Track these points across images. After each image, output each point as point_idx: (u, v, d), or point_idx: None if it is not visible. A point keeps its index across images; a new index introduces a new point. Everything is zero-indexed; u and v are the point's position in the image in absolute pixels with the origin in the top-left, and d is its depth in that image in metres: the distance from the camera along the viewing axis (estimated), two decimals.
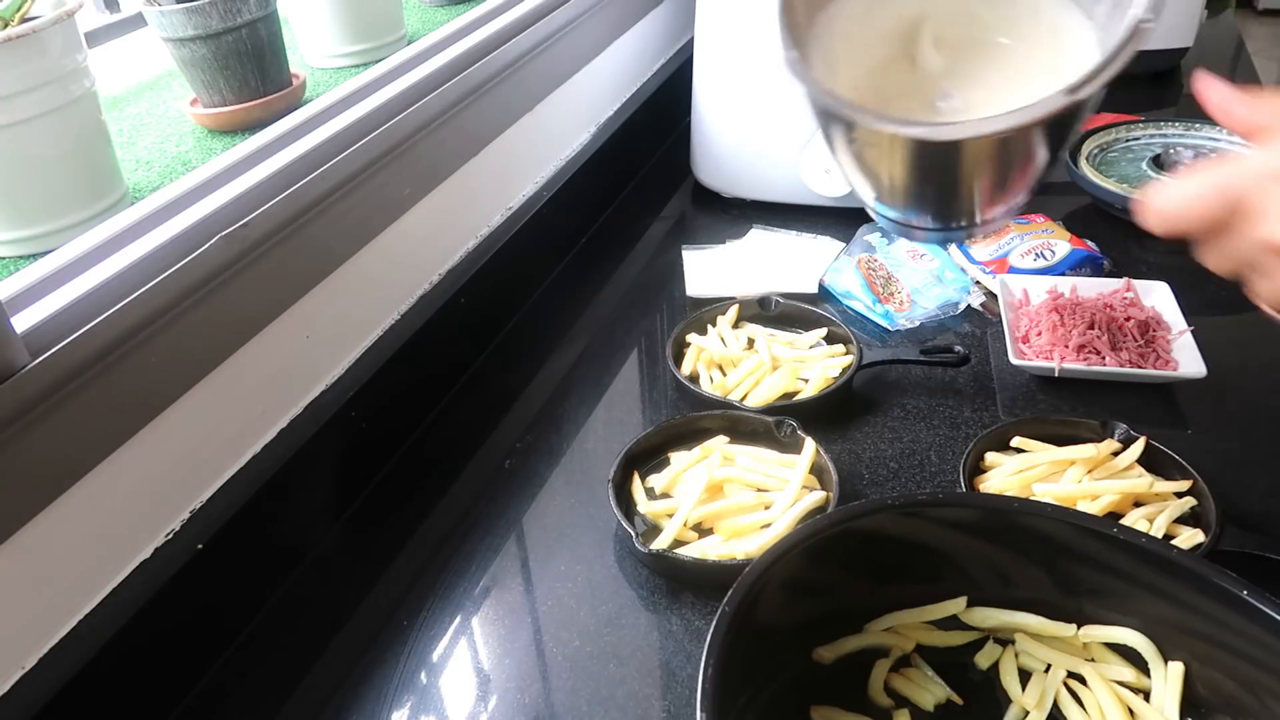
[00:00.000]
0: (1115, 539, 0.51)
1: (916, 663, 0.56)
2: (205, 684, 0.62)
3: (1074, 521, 0.53)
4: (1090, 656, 0.54)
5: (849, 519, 0.54)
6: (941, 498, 0.62)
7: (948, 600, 0.56)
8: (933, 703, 0.53)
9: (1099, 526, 0.52)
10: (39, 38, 0.60)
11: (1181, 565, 0.49)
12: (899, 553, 0.55)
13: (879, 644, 0.56)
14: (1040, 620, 0.55)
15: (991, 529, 0.54)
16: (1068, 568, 0.53)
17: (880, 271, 0.95)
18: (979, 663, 0.56)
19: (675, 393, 0.85)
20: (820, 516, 0.57)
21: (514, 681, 0.60)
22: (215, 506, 0.64)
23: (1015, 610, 0.55)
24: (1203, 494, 0.65)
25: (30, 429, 0.51)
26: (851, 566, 0.54)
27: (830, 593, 0.55)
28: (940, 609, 0.56)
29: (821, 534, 0.52)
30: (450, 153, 0.89)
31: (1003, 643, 0.56)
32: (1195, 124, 1.12)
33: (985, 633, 0.56)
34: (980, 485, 0.69)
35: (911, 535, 0.55)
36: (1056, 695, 0.53)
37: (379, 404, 0.77)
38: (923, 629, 0.56)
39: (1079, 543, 0.52)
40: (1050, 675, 0.54)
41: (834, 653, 0.55)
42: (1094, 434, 0.71)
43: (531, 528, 0.72)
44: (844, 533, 0.53)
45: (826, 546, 0.52)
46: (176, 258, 0.60)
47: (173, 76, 0.91)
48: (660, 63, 1.38)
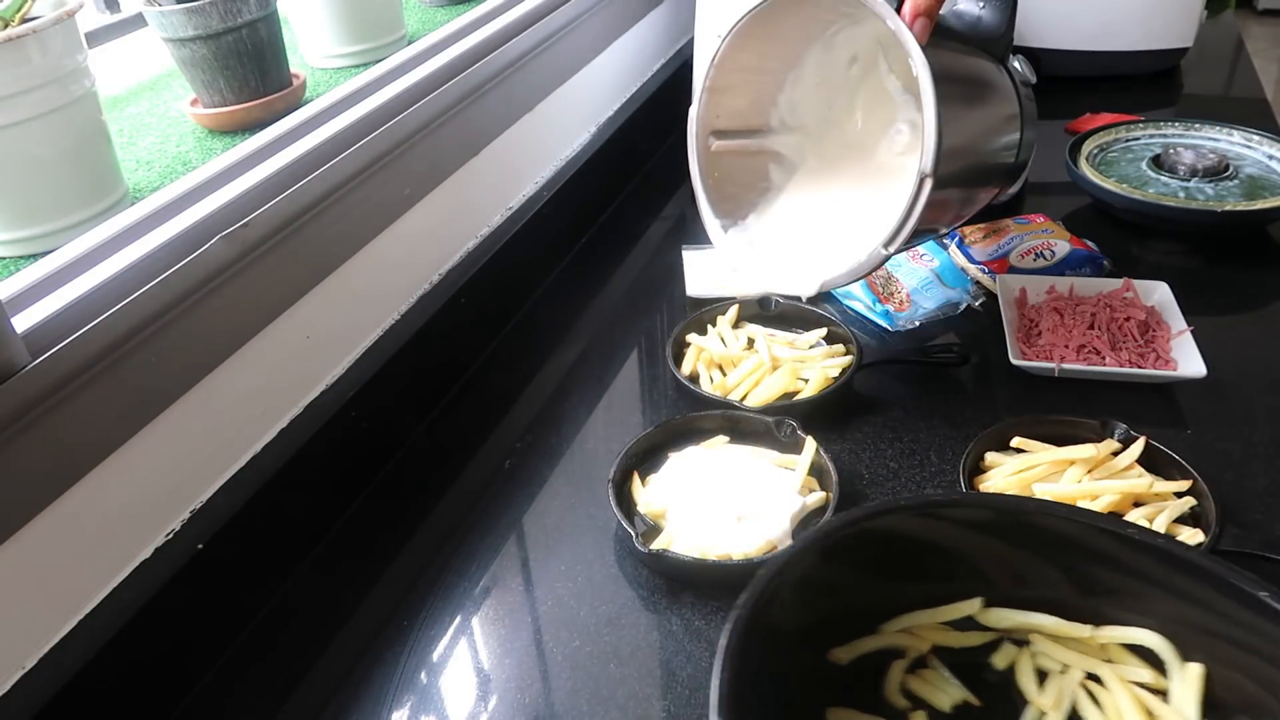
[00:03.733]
0: (1132, 539, 0.50)
1: (932, 664, 0.55)
2: (205, 684, 0.62)
3: (1089, 522, 0.52)
4: (1108, 657, 0.53)
5: (863, 519, 0.53)
6: (957, 498, 0.61)
7: (963, 601, 0.55)
8: (949, 704, 0.53)
9: (1115, 527, 0.51)
10: (39, 38, 0.60)
11: (1200, 565, 0.49)
12: (913, 553, 0.54)
13: (894, 645, 0.55)
14: (1057, 621, 0.54)
15: (1006, 529, 0.54)
16: (1084, 568, 0.53)
17: (880, 271, 0.95)
18: (995, 663, 0.55)
19: (675, 393, 0.85)
20: (835, 517, 0.57)
21: (514, 681, 0.60)
22: (215, 506, 0.64)
23: (1031, 611, 0.54)
24: (1202, 494, 0.65)
25: (30, 429, 0.52)
26: (865, 567, 0.54)
27: (844, 593, 0.54)
28: (956, 609, 0.55)
29: (835, 534, 0.52)
30: (450, 153, 0.89)
31: (1019, 643, 0.55)
32: (1195, 124, 1.12)
33: (1001, 633, 0.56)
34: (980, 485, 0.69)
35: (926, 535, 0.54)
36: (1074, 696, 0.52)
37: (379, 404, 0.77)
38: (938, 630, 0.56)
39: (1095, 543, 0.51)
40: (1067, 676, 0.53)
41: (849, 654, 0.54)
42: (1094, 434, 0.71)
43: (531, 528, 0.72)
44: (858, 533, 0.52)
45: (840, 547, 0.52)
46: (176, 258, 0.60)
47: (173, 76, 0.91)
48: (660, 63, 1.38)
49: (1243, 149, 1.08)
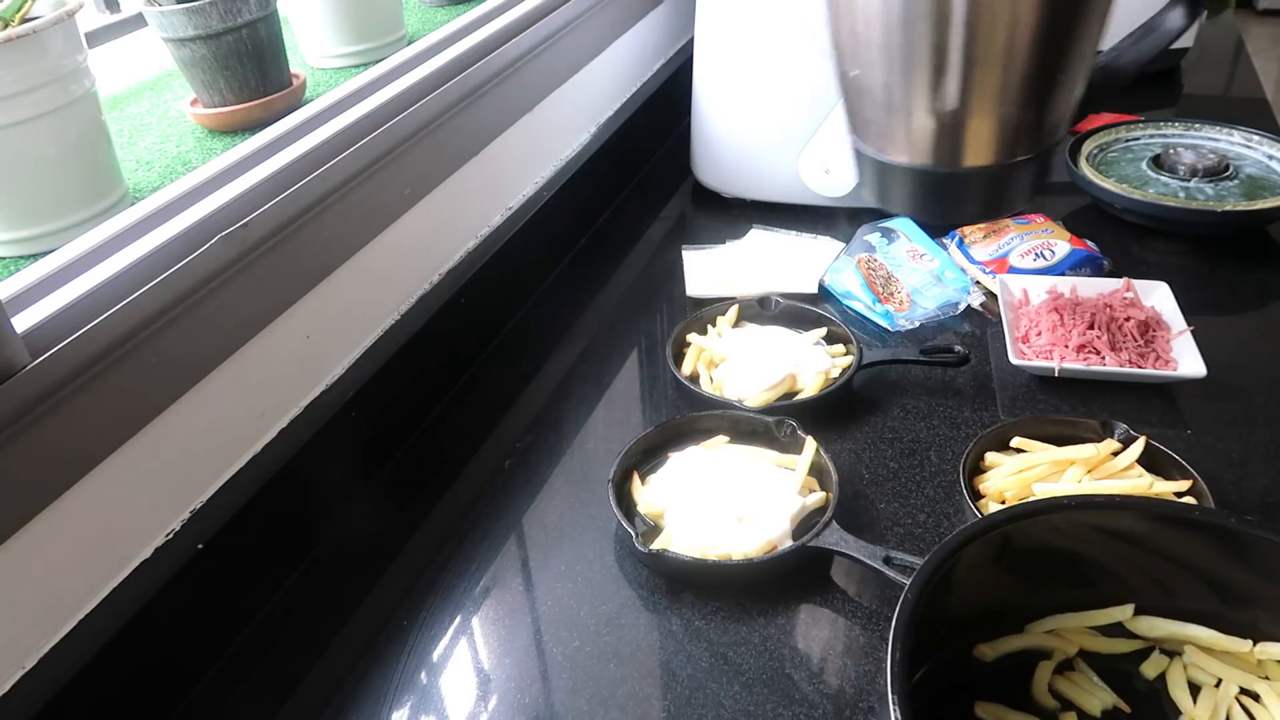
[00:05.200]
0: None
1: (1080, 667, 0.54)
2: (205, 684, 0.62)
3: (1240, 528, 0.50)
4: (1265, 674, 0.52)
5: (1016, 518, 0.52)
6: (1117, 500, 0.60)
7: (1113, 606, 0.55)
8: (1099, 708, 0.52)
9: (1266, 534, 0.50)
10: (39, 38, 0.60)
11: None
12: (1061, 556, 0.54)
13: (1041, 646, 0.55)
14: (1212, 633, 0.53)
15: (1151, 537, 0.53)
16: (1232, 578, 0.52)
17: (880, 271, 0.95)
18: (1145, 672, 0.54)
19: (675, 393, 0.85)
20: (988, 515, 0.55)
21: (514, 681, 0.60)
22: (215, 506, 0.64)
23: (1184, 621, 0.54)
24: (1202, 494, 0.65)
25: (30, 429, 0.51)
26: (1013, 567, 0.53)
27: (991, 591, 0.54)
28: (1106, 615, 0.55)
29: (984, 532, 0.51)
30: (450, 153, 0.89)
31: (1170, 654, 0.54)
32: (1195, 124, 1.12)
33: (1151, 642, 0.55)
34: (979, 485, 0.69)
35: (1075, 538, 0.53)
36: (1229, 711, 0.51)
37: (379, 404, 0.77)
38: (1086, 634, 0.55)
39: (1245, 548, 0.50)
40: (1221, 690, 0.52)
41: (996, 650, 0.54)
42: (1094, 434, 0.70)
43: (531, 528, 0.72)
44: (1007, 532, 0.52)
45: (989, 545, 0.52)
46: (176, 258, 0.60)
47: (173, 76, 0.91)
48: (660, 63, 1.38)
49: (1243, 149, 1.08)
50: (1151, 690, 0.54)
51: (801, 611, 0.63)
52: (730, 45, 1.06)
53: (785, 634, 0.61)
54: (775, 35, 1.00)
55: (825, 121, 1.01)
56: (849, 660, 0.59)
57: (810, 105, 1.01)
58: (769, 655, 0.60)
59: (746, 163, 1.10)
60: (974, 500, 0.67)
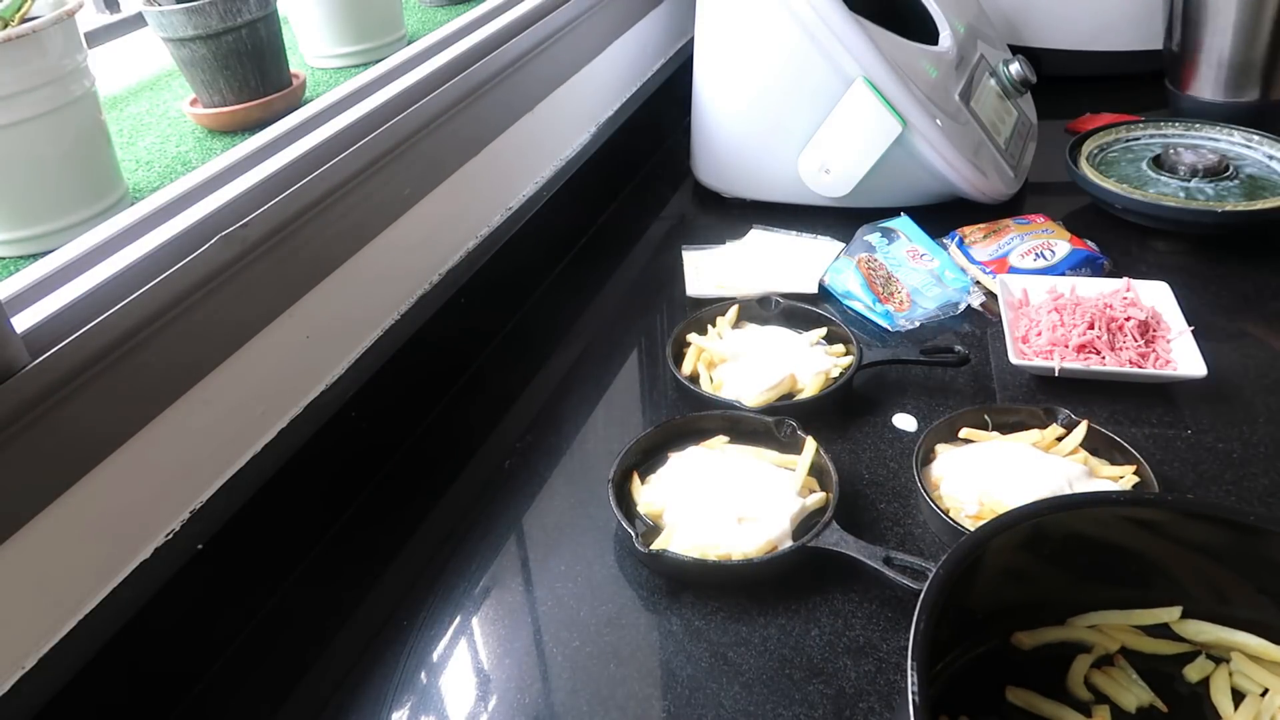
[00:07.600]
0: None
1: (1120, 664, 0.54)
2: (205, 684, 0.62)
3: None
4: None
5: (1061, 508, 0.52)
6: (1170, 499, 0.59)
7: (1160, 608, 0.54)
8: (1135, 704, 0.52)
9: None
10: (39, 38, 0.60)
11: None
12: (1112, 555, 0.53)
13: (1081, 639, 0.54)
14: (1263, 642, 0.52)
15: (1216, 543, 0.52)
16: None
17: (880, 271, 0.95)
18: (1188, 675, 0.53)
19: (675, 393, 0.85)
20: (1033, 503, 0.54)
21: (514, 681, 0.60)
22: (215, 506, 0.64)
23: (1234, 628, 0.53)
24: (1147, 479, 0.66)
25: (30, 429, 0.51)
26: (1057, 559, 0.53)
27: (1034, 582, 0.54)
28: (1152, 615, 0.54)
29: (1032, 519, 0.51)
30: (450, 153, 0.89)
31: (1216, 660, 0.54)
32: (1195, 124, 1.12)
33: (1198, 646, 0.54)
34: (928, 475, 0.70)
35: (1124, 536, 0.53)
36: None
37: (379, 404, 0.77)
38: (1129, 632, 0.55)
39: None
40: (1267, 700, 0.51)
41: (1034, 640, 0.54)
42: (1038, 421, 0.72)
43: (531, 528, 0.72)
44: (1054, 523, 0.51)
45: (1036, 534, 0.51)
46: (176, 258, 0.60)
47: (173, 76, 0.91)
48: (660, 63, 1.38)
49: (1243, 149, 1.08)
50: (1193, 694, 0.53)
51: (801, 612, 0.63)
52: (730, 45, 1.06)
53: (785, 634, 0.61)
54: (775, 35, 1.00)
55: (825, 121, 1.01)
56: (849, 660, 0.59)
57: (810, 105, 1.01)
58: (769, 655, 0.60)
59: (746, 163, 1.10)
60: (928, 493, 0.67)
